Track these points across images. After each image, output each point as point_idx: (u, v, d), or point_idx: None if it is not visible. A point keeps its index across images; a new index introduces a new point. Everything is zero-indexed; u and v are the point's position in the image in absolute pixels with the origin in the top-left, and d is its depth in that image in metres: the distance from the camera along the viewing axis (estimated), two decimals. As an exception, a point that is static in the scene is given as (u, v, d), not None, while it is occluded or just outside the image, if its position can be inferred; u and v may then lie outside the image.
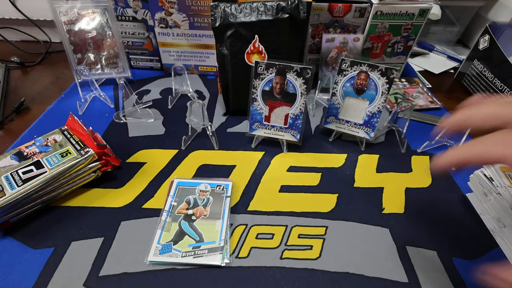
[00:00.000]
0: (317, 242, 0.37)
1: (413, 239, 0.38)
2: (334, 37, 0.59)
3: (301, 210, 0.41)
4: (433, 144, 0.51)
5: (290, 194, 0.43)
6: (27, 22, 0.72)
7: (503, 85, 0.58)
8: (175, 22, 0.60)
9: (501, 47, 0.59)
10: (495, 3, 0.74)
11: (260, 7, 0.48)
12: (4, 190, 0.35)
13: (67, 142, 0.41)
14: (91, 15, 0.57)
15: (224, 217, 0.39)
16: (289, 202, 0.42)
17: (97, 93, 0.59)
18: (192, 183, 0.43)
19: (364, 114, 0.49)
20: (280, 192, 0.44)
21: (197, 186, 0.42)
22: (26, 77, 0.67)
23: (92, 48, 0.59)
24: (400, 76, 0.69)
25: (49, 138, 0.42)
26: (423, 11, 0.58)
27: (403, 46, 0.63)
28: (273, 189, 0.44)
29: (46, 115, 0.55)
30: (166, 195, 0.41)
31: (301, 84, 0.44)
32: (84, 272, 0.33)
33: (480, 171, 0.40)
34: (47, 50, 0.74)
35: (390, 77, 0.45)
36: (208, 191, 0.42)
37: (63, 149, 0.40)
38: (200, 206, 0.40)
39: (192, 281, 0.33)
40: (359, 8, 0.57)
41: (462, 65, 0.71)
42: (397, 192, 0.44)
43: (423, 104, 0.61)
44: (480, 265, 0.36)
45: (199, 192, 0.42)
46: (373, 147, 0.51)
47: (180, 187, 0.42)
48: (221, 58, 0.52)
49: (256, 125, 0.49)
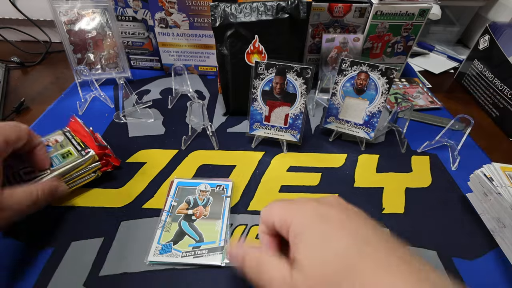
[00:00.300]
0: (317, 242, 0.37)
1: (413, 239, 0.38)
2: (334, 37, 0.59)
3: (301, 210, 0.41)
4: (433, 144, 0.51)
5: (290, 194, 0.43)
6: (27, 22, 0.72)
7: (503, 85, 0.58)
8: (175, 22, 0.60)
9: (501, 47, 0.59)
10: (495, 3, 0.74)
11: (260, 7, 0.48)
12: None
13: (68, 143, 0.41)
14: (91, 15, 0.57)
15: (224, 217, 0.39)
16: (289, 202, 0.42)
17: (97, 93, 0.59)
18: (192, 183, 0.43)
19: (364, 114, 0.49)
20: (280, 192, 0.43)
21: (197, 186, 0.42)
22: (26, 77, 0.67)
23: (92, 48, 0.59)
24: (400, 76, 0.69)
25: (51, 138, 0.42)
26: (423, 11, 0.58)
27: (403, 46, 0.63)
28: (273, 189, 0.44)
29: (46, 115, 0.55)
30: (166, 195, 0.41)
31: (301, 84, 0.44)
32: (84, 272, 0.33)
33: (480, 171, 0.40)
34: (47, 50, 0.74)
35: (390, 77, 0.45)
36: (208, 191, 0.42)
37: (64, 149, 0.40)
38: (200, 206, 0.40)
39: (192, 281, 0.33)
40: (359, 8, 0.58)
41: (462, 65, 0.71)
42: (397, 192, 0.44)
43: (423, 104, 0.61)
44: (480, 266, 0.36)
45: (199, 192, 0.42)
46: (373, 147, 0.51)
47: (180, 187, 0.42)
48: (221, 58, 0.52)
49: (256, 125, 0.49)
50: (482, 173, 0.40)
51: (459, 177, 0.46)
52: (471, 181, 0.42)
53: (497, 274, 0.35)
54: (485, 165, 0.40)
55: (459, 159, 0.48)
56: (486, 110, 0.62)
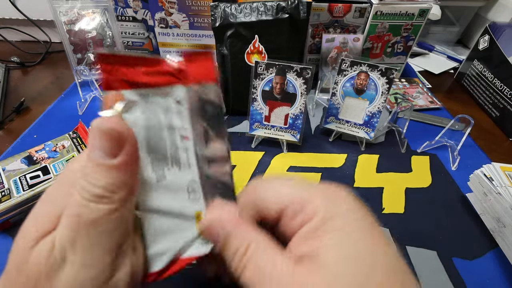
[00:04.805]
0: (317, 242, 0.37)
1: (413, 239, 0.38)
2: (334, 37, 0.59)
3: (301, 210, 0.41)
4: (433, 144, 0.51)
5: (290, 194, 0.43)
6: (27, 22, 0.72)
7: (503, 85, 0.58)
8: (175, 22, 0.60)
9: (501, 47, 0.59)
10: (495, 3, 0.74)
11: (260, 7, 0.48)
12: (10, 194, 0.35)
13: (74, 149, 0.41)
14: (91, 15, 0.57)
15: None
16: (289, 202, 0.42)
17: (97, 93, 0.59)
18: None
19: (364, 114, 0.49)
20: (280, 192, 0.43)
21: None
22: (26, 77, 0.67)
23: (92, 48, 0.60)
24: (400, 76, 0.69)
25: (58, 144, 0.42)
26: (423, 11, 0.58)
27: (403, 46, 0.63)
28: (273, 189, 0.44)
29: (46, 115, 0.55)
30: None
31: (301, 84, 0.44)
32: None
33: (480, 171, 0.40)
34: (47, 50, 0.74)
35: (390, 77, 0.45)
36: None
37: (69, 155, 0.41)
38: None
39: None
40: (359, 8, 0.58)
41: (462, 65, 0.71)
42: (397, 192, 0.44)
43: (423, 104, 0.61)
44: (480, 266, 0.36)
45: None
46: (373, 147, 0.51)
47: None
48: (221, 58, 0.52)
49: (256, 125, 0.49)
50: (482, 173, 0.40)
51: (459, 177, 0.46)
52: (471, 181, 0.42)
53: (497, 274, 0.35)
54: (485, 165, 0.40)
55: (459, 159, 0.48)
56: (486, 110, 0.62)
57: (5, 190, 0.36)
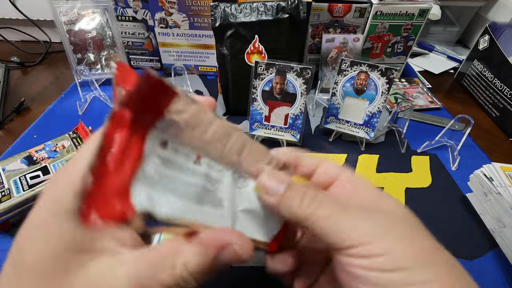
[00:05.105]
0: (317, 242, 0.37)
1: (413, 239, 0.38)
2: (334, 37, 0.59)
3: (301, 210, 0.41)
4: (433, 144, 0.51)
5: (290, 194, 0.43)
6: (27, 22, 0.72)
7: (503, 85, 0.58)
8: (175, 22, 0.60)
9: (501, 47, 0.59)
10: (495, 3, 0.74)
11: (260, 7, 0.48)
12: (10, 194, 0.35)
13: (74, 149, 0.41)
14: (91, 15, 0.57)
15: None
16: (289, 202, 0.42)
17: (97, 93, 0.59)
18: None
19: (364, 114, 0.49)
20: (280, 192, 0.43)
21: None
22: (26, 77, 0.67)
23: (92, 48, 0.59)
24: (400, 76, 0.69)
25: (58, 144, 0.42)
26: (423, 11, 0.58)
27: (403, 46, 0.63)
28: (273, 189, 0.44)
29: (46, 115, 0.55)
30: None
31: (301, 84, 0.44)
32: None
33: (480, 171, 0.40)
34: (47, 50, 0.74)
35: (390, 77, 0.45)
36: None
37: (69, 155, 0.41)
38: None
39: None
40: (359, 8, 0.58)
41: (462, 65, 0.71)
42: (397, 192, 0.44)
43: (423, 104, 0.61)
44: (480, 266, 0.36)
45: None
46: (373, 147, 0.51)
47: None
48: (221, 58, 0.52)
49: (256, 125, 0.49)
50: (482, 173, 0.40)
51: (459, 177, 0.46)
52: (471, 181, 0.42)
53: (497, 274, 0.35)
54: (485, 165, 0.40)
55: (459, 159, 0.48)
56: (486, 110, 0.62)
57: (5, 190, 0.36)
